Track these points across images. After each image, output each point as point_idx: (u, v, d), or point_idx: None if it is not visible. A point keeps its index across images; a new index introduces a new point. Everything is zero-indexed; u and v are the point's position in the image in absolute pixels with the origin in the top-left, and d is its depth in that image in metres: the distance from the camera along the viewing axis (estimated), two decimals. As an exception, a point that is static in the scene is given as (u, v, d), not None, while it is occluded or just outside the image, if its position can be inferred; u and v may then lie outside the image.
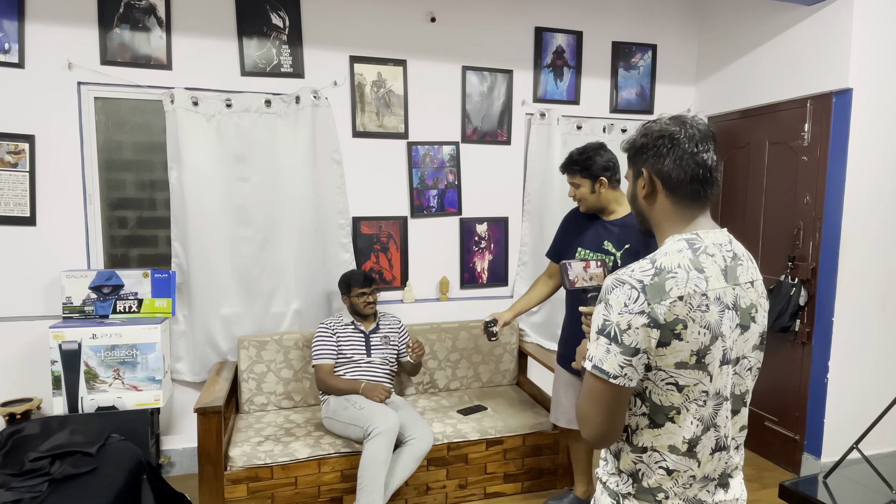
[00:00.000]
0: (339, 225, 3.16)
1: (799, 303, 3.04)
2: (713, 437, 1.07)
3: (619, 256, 2.28)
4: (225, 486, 2.46)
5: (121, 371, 2.66)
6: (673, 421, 1.04)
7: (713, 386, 1.04)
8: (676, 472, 1.06)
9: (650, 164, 1.10)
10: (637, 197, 1.15)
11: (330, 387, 2.71)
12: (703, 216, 1.10)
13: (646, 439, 1.06)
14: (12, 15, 2.67)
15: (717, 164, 1.08)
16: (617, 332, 0.99)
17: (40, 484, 2.07)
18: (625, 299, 0.99)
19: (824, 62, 2.92)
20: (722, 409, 1.07)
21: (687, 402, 1.03)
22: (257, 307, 3.10)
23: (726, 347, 1.04)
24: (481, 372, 3.37)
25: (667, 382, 1.02)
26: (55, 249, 2.82)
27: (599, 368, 1.01)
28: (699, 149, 1.06)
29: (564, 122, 3.51)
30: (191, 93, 2.87)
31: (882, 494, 1.90)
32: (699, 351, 1.01)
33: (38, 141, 2.76)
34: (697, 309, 1.00)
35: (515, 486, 2.88)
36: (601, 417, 1.03)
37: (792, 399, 3.17)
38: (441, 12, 3.26)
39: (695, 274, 1.01)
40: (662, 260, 1.02)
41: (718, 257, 1.06)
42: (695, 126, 1.08)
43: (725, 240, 1.09)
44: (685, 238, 1.06)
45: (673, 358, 1.00)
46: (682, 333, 0.99)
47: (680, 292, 0.99)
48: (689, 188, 1.07)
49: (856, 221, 2.89)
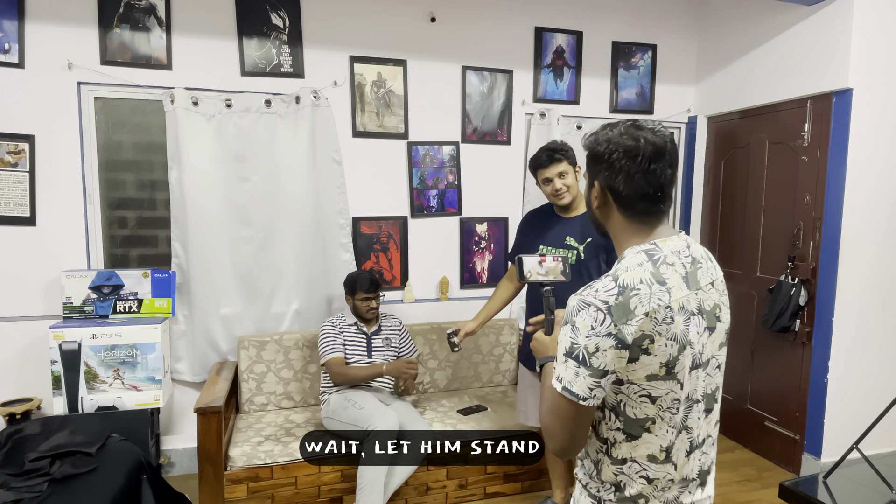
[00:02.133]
0: (339, 225, 3.16)
1: (799, 303, 3.04)
2: (686, 439, 1.08)
3: (582, 250, 2.29)
4: (225, 486, 2.46)
5: (121, 371, 2.66)
6: (649, 431, 1.04)
7: (683, 393, 1.04)
8: (656, 479, 1.07)
9: (602, 177, 1.09)
10: (591, 204, 1.15)
11: (349, 377, 2.68)
12: (662, 226, 1.09)
13: (624, 451, 1.06)
14: (12, 15, 2.67)
15: (670, 180, 1.06)
16: (585, 356, 0.98)
17: (40, 484, 2.07)
18: (591, 322, 0.98)
19: (824, 62, 2.92)
20: (693, 411, 1.08)
21: (661, 411, 1.03)
22: (257, 307, 3.10)
23: (695, 353, 1.04)
24: (481, 372, 3.37)
25: (640, 395, 1.02)
26: (55, 249, 2.82)
27: (569, 391, 1.00)
28: (651, 166, 1.04)
29: (564, 122, 3.51)
30: (191, 93, 2.88)
31: (882, 494, 1.90)
32: (668, 362, 1.01)
33: (38, 141, 2.76)
34: (663, 322, 0.99)
35: (515, 486, 2.88)
36: (567, 433, 1.03)
37: (792, 399, 3.17)
38: (441, 12, 3.26)
39: (657, 287, 1.00)
40: (624, 276, 1.00)
41: (678, 265, 1.05)
42: (650, 139, 1.05)
43: (683, 245, 1.08)
44: (644, 250, 1.05)
45: (643, 371, 1.00)
46: (649, 348, 0.99)
47: (645, 309, 0.98)
48: (640, 205, 1.07)
49: (856, 221, 2.89)
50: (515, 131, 3.49)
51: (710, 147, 3.79)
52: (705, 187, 3.83)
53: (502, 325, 3.40)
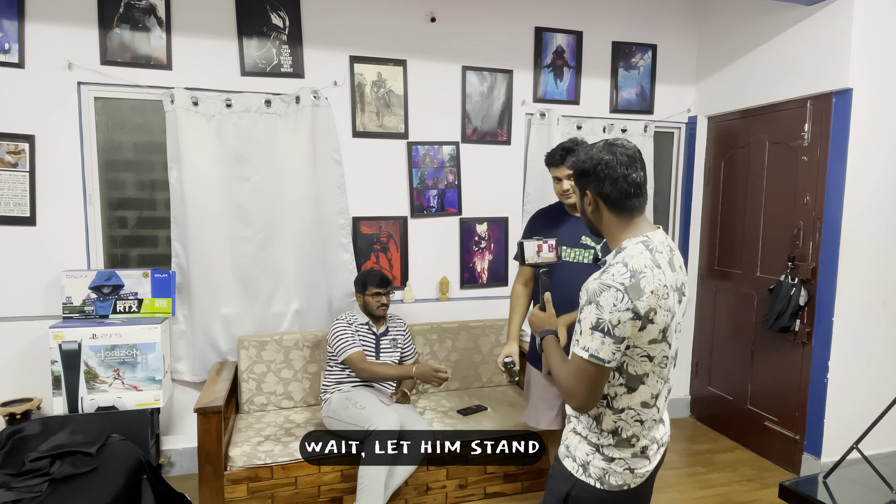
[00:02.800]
0: (339, 225, 3.16)
1: (799, 303, 3.04)
2: (667, 388, 1.40)
3: (600, 249, 2.30)
4: (225, 486, 2.46)
5: (121, 371, 2.66)
6: (644, 383, 1.34)
7: (671, 351, 1.36)
8: (646, 420, 1.37)
9: (592, 187, 1.37)
10: (585, 211, 1.43)
11: (374, 373, 2.66)
12: (642, 219, 1.38)
13: (624, 402, 1.35)
14: (12, 15, 2.67)
15: (644, 180, 1.35)
16: (609, 328, 1.24)
17: (40, 484, 2.07)
18: (613, 300, 1.24)
19: (824, 62, 2.92)
20: (670, 365, 1.38)
21: (654, 366, 1.33)
22: (257, 307, 3.10)
23: (677, 321, 1.35)
24: (481, 372, 3.37)
25: (641, 356, 1.31)
26: (55, 249, 2.82)
27: (597, 357, 1.25)
28: (629, 171, 1.33)
29: (564, 122, 3.51)
30: (191, 93, 2.88)
31: (882, 494, 1.90)
32: (664, 329, 1.30)
33: (38, 141, 2.76)
34: (663, 297, 1.27)
35: (515, 486, 2.88)
36: (589, 392, 1.29)
37: (792, 399, 3.17)
38: (441, 12, 3.26)
39: (657, 271, 1.28)
40: (632, 263, 1.27)
41: (665, 253, 1.34)
42: (623, 151, 1.34)
43: (664, 237, 1.38)
44: (641, 241, 1.33)
45: (647, 337, 1.28)
46: (654, 318, 1.27)
47: (651, 287, 1.25)
48: (625, 203, 1.35)
49: (856, 221, 2.89)
50: (515, 131, 3.49)
51: (710, 147, 3.79)
52: (705, 187, 3.83)
53: (502, 326, 3.40)
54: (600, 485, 1.37)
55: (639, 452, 1.37)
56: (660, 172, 3.88)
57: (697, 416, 3.95)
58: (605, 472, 1.37)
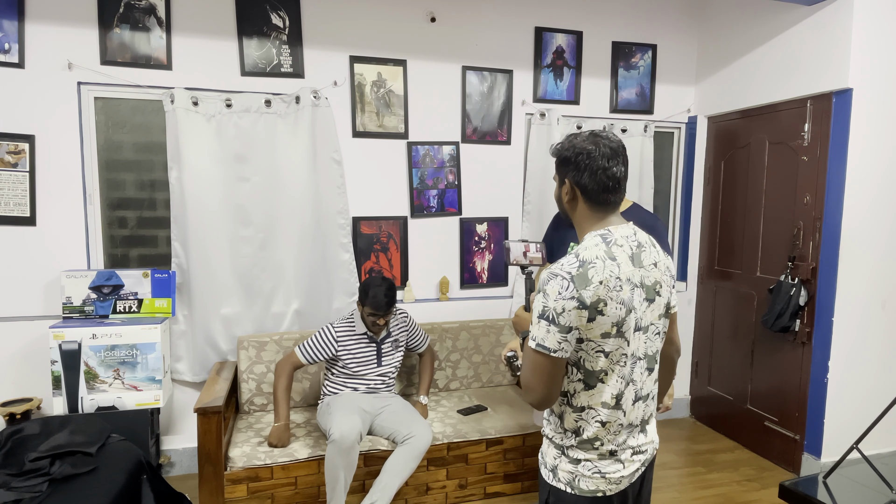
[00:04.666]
0: (339, 225, 3.15)
1: (799, 303, 3.04)
2: (633, 390, 1.33)
3: None
4: (225, 486, 2.46)
5: (121, 371, 2.66)
6: (603, 381, 1.29)
7: (630, 349, 1.30)
8: (609, 423, 1.31)
9: (571, 175, 1.34)
10: (561, 199, 1.40)
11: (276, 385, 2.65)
12: (614, 215, 1.35)
13: (583, 400, 1.31)
14: (12, 15, 2.67)
15: (624, 175, 1.33)
16: (554, 316, 1.22)
17: (40, 484, 2.07)
18: (558, 289, 1.22)
19: (824, 62, 2.92)
20: (637, 367, 1.33)
21: (612, 364, 1.28)
22: (257, 307, 3.10)
23: (637, 318, 1.29)
24: (481, 372, 3.37)
25: (595, 350, 1.27)
26: (55, 249, 2.82)
27: (542, 346, 1.24)
28: (609, 164, 1.30)
29: (564, 122, 3.51)
30: (191, 93, 2.87)
31: (882, 494, 1.90)
32: (618, 322, 1.25)
33: (38, 141, 2.76)
34: (614, 290, 1.23)
35: (515, 486, 2.88)
36: (542, 385, 1.27)
37: (792, 399, 3.17)
38: (441, 12, 3.26)
39: (610, 262, 1.25)
40: (584, 254, 1.26)
41: (626, 247, 1.30)
42: (607, 144, 1.32)
43: (631, 232, 1.34)
44: (599, 234, 1.30)
45: (599, 330, 1.24)
46: (603, 310, 1.23)
47: (600, 278, 1.22)
48: (601, 196, 1.32)
49: (856, 221, 2.89)
50: (515, 131, 3.49)
51: (710, 147, 3.79)
52: (705, 187, 3.83)
53: (502, 326, 3.40)
54: (570, 489, 1.34)
55: (606, 454, 1.33)
56: (660, 172, 3.88)
57: (697, 416, 3.95)
58: (574, 476, 1.34)
